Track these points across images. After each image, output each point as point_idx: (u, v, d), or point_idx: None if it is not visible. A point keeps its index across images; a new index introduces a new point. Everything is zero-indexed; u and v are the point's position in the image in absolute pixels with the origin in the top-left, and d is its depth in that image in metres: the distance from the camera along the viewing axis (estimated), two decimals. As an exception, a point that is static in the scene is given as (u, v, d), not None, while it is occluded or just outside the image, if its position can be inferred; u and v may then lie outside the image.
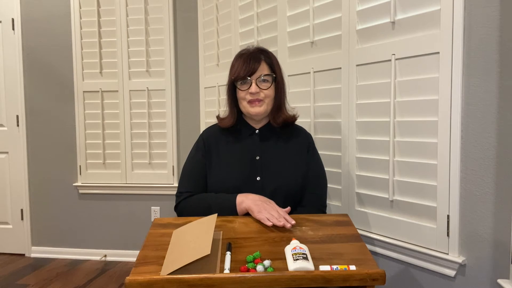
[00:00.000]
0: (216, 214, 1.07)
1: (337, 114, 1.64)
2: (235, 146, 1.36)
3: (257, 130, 1.38)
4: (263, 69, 1.30)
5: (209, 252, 0.88)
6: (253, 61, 1.28)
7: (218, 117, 1.42)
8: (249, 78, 1.28)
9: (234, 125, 1.37)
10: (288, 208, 1.22)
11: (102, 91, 2.77)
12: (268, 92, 1.30)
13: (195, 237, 1.00)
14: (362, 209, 1.56)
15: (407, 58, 1.36)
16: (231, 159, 1.34)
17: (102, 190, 2.83)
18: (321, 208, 1.37)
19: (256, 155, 1.33)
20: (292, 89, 1.86)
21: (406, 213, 1.40)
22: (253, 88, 1.28)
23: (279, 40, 1.91)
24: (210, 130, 1.44)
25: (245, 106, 1.32)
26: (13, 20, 2.83)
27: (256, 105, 1.30)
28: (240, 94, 1.32)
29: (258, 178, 1.30)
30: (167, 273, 0.87)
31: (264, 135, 1.37)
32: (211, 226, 1.01)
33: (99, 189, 2.83)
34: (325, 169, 1.43)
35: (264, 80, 1.30)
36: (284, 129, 1.38)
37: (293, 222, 1.11)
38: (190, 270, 0.88)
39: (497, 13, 1.14)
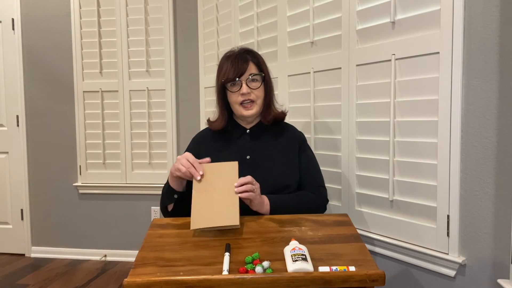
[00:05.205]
0: (237, 162, 1.17)
1: (337, 114, 1.64)
2: (226, 147, 1.36)
3: (248, 130, 1.38)
4: (252, 68, 1.31)
5: (237, 223, 1.03)
6: (241, 62, 1.29)
7: (208, 120, 1.42)
8: (238, 79, 1.28)
9: (225, 126, 1.37)
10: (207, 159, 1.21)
11: (102, 91, 2.77)
12: (258, 92, 1.31)
13: (221, 192, 1.11)
14: (362, 209, 1.56)
15: (407, 58, 1.36)
16: (220, 160, 1.34)
17: (102, 190, 2.82)
18: (325, 201, 1.38)
19: (246, 155, 1.33)
20: (292, 89, 1.85)
21: (406, 213, 1.40)
22: (244, 88, 1.28)
23: (279, 40, 1.91)
24: (200, 134, 1.45)
25: (237, 109, 1.32)
26: (13, 20, 2.83)
27: (248, 108, 1.31)
28: (232, 97, 1.31)
29: None
30: (197, 227, 1.02)
31: (255, 135, 1.37)
32: (235, 176, 1.13)
33: (99, 189, 2.83)
34: (325, 169, 1.44)
35: (253, 80, 1.30)
36: (274, 127, 1.38)
37: (201, 173, 1.14)
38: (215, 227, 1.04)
39: (497, 13, 1.14)
